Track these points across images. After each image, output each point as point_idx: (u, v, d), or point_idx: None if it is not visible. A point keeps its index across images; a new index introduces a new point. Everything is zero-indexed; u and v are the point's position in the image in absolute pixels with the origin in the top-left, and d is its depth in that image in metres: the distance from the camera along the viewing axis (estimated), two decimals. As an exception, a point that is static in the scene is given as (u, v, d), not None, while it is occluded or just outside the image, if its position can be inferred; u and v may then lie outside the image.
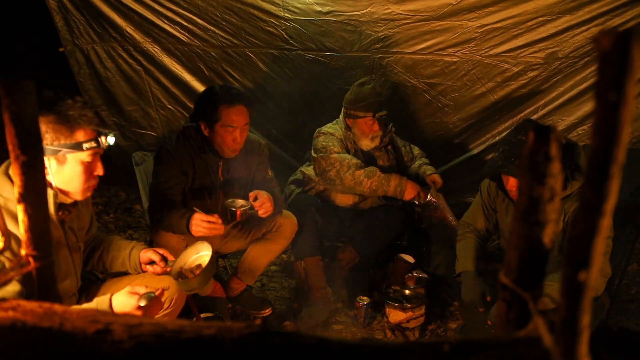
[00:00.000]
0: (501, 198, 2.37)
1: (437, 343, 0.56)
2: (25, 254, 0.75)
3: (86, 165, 1.50)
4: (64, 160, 1.46)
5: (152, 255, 1.81)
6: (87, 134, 1.47)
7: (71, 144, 1.44)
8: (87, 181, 1.53)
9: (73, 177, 1.50)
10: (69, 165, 1.47)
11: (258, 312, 2.64)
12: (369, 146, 2.85)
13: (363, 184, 2.71)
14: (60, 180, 1.49)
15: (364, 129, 2.79)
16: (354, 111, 2.77)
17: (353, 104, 2.77)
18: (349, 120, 2.82)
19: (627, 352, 0.55)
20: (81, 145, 1.45)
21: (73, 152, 1.45)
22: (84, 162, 1.49)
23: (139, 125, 3.78)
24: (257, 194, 2.30)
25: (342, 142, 2.84)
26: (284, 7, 3.09)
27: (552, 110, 3.27)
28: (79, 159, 1.47)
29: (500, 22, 2.96)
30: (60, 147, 1.43)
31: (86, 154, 1.48)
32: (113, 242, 1.90)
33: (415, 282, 2.66)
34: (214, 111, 2.23)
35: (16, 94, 0.68)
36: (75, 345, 0.59)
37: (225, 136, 2.25)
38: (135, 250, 1.83)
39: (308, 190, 2.95)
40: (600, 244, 0.49)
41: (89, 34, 3.41)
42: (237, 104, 2.24)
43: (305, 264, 2.69)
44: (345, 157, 2.76)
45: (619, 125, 0.46)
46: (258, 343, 0.57)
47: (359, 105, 2.75)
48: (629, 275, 2.94)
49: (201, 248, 1.91)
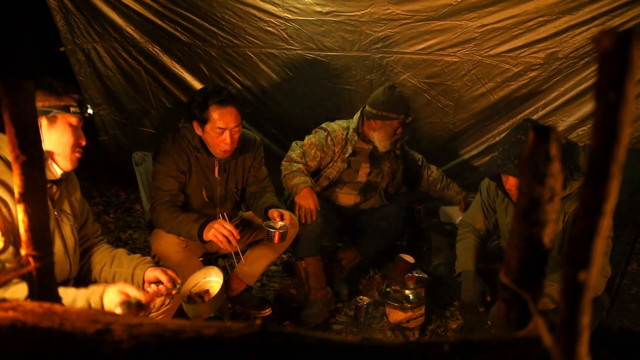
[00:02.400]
0: (501, 198, 2.37)
1: (437, 343, 0.55)
2: (25, 254, 0.75)
3: (73, 128, 1.62)
4: (54, 121, 1.59)
5: (160, 275, 1.73)
6: (73, 101, 1.63)
7: (61, 106, 1.59)
8: (74, 147, 1.63)
9: (62, 139, 1.61)
10: (59, 127, 1.60)
11: (258, 312, 2.64)
12: (386, 147, 2.89)
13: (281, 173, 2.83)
14: (50, 142, 1.60)
15: (390, 131, 2.82)
16: (386, 112, 2.77)
17: (384, 106, 2.77)
18: (376, 122, 2.82)
19: (627, 352, 0.55)
20: (69, 108, 1.60)
21: (63, 113, 1.59)
22: (72, 125, 1.61)
23: (140, 123, 3.79)
24: (281, 213, 2.31)
25: (329, 140, 2.86)
26: (284, 7, 3.09)
27: (552, 110, 3.27)
28: (67, 121, 1.60)
29: (500, 22, 2.96)
30: (51, 108, 1.57)
31: (74, 118, 1.61)
32: (117, 257, 1.84)
33: (415, 282, 2.66)
34: (204, 112, 2.23)
35: (16, 94, 0.68)
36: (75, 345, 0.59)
37: (216, 137, 2.25)
38: (139, 269, 1.78)
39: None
40: (600, 244, 0.49)
41: (90, 33, 3.41)
42: (227, 105, 2.22)
43: (306, 264, 2.69)
44: (294, 149, 2.89)
45: (619, 126, 0.46)
46: (258, 343, 0.57)
47: (391, 107, 2.76)
48: (629, 275, 2.93)
49: (211, 273, 1.85)
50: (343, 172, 2.91)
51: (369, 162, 2.93)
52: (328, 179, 2.92)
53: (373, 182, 2.99)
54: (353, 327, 2.58)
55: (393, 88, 2.81)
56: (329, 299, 2.67)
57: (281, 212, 2.32)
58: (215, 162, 2.39)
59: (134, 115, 3.76)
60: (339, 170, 2.90)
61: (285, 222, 2.30)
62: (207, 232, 2.12)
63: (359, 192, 2.99)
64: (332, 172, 2.91)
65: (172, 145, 2.33)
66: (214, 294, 1.76)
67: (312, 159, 2.89)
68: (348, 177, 2.95)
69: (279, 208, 2.38)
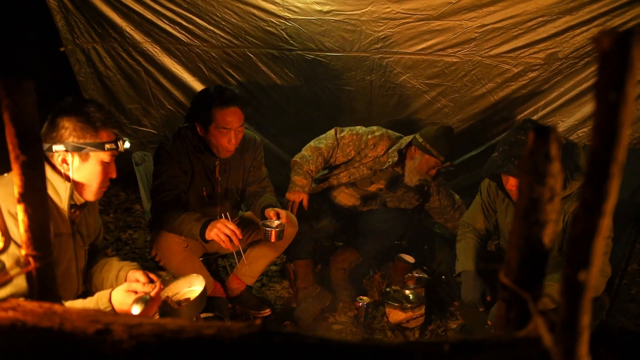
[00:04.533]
0: (501, 198, 2.37)
1: (437, 343, 0.56)
2: (25, 254, 0.75)
3: (105, 165, 1.59)
4: (86, 158, 1.56)
5: (139, 276, 1.71)
6: (110, 136, 1.58)
7: (95, 143, 1.54)
8: (103, 181, 1.62)
9: (92, 175, 1.58)
10: (91, 164, 1.57)
11: (258, 312, 2.64)
12: (412, 182, 2.84)
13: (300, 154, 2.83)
14: (80, 176, 1.57)
15: (424, 167, 2.78)
16: (430, 146, 2.73)
17: (432, 140, 2.73)
18: (417, 151, 2.78)
19: (627, 352, 0.55)
20: (103, 145, 1.55)
21: (96, 151, 1.55)
22: (103, 162, 1.58)
23: (140, 123, 3.79)
24: (277, 212, 2.31)
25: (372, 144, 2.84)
26: (284, 6, 3.09)
27: (552, 111, 3.26)
28: (100, 158, 1.57)
29: (500, 22, 2.95)
30: (85, 145, 1.53)
31: (107, 155, 1.57)
32: (108, 263, 1.85)
33: (415, 282, 2.66)
34: (208, 113, 2.23)
35: (16, 94, 0.68)
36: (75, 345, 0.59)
37: (220, 137, 2.26)
38: (123, 271, 1.77)
39: (323, 181, 2.96)
40: (600, 244, 0.49)
41: (90, 33, 3.41)
42: (231, 105, 2.23)
43: (295, 266, 2.70)
44: (328, 138, 2.84)
45: (619, 126, 0.46)
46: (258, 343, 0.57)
47: (437, 145, 2.72)
48: (629, 275, 2.94)
49: (194, 282, 1.81)
50: (363, 177, 2.91)
51: (388, 181, 2.92)
52: (349, 177, 2.92)
53: (379, 195, 3.00)
54: (353, 327, 2.58)
55: (450, 130, 2.80)
56: (319, 293, 2.68)
57: (277, 211, 2.32)
58: (216, 162, 2.39)
59: (135, 113, 3.76)
60: (361, 175, 2.89)
61: (281, 221, 2.30)
62: (209, 232, 2.12)
63: (361, 197, 3.00)
64: (355, 173, 2.90)
65: (173, 146, 2.33)
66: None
67: (345, 155, 2.87)
68: (361, 184, 2.95)
69: (276, 207, 2.38)
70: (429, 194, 3.01)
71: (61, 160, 1.54)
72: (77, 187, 1.59)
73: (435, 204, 3.03)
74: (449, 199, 3.02)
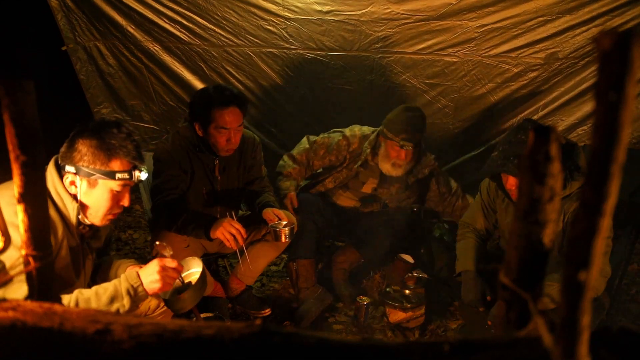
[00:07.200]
0: (501, 198, 2.37)
1: (437, 343, 0.56)
2: (25, 254, 0.75)
3: (114, 194, 1.54)
4: (94, 184, 1.51)
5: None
6: (123, 165, 1.52)
7: (105, 171, 1.49)
8: (111, 209, 1.56)
9: (99, 202, 1.53)
10: (99, 191, 1.52)
11: (258, 312, 2.64)
12: (389, 171, 2.79)
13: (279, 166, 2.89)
14: (87, 200, 1.53)
15: (390, 152, 2.72)
16: (386, 130, 2.70)
17: (387, 124, 2.71)
18: (381, 138, 2.78)
19: (627, 352, 0.55)
20: (114, 174, 1.50)
21: (105, 180, 1.50)
22: (112, 191, 1.53)
23: (141, 119, 3.79)
24: (276, 214, 2.31)
25: (344, 145, 2.83)
26: (284, 6, 3.09)
27: (552, 110, 3.26)
28: (109, 186, 1.52)
29: (500, 22, 2.96)
30: (94, 172, 1.48)
31: (117, 184, 1.52)
32: (104, 262, 1.85)
33: (415, 282, 2.66)
34: (207, 113, 2.23)
35: (16, 94, 0.68)
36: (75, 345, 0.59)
37: (219, 137, 2.26)
38: (120, 268, 1.77)
39: (310, 188, 2.96)
40: (600, 244, 0.49)
41: (91, 31, 3.41)
42: (230, 105, 2.23)
43: (297, 265, 2.70)
44: (302, 144, 2.89)
45: (619, 126, 0.46)
46: (258, 343, 0.57)
47: (393, 128, 2.67)
48: (629, 275, 2.93)
49: (191, 264, 1.82)
50: (350, 179, 2.91)
51: (378, 179, 2.89)
52: (334, 182, 2.92)
53: (377, 196, 2.99)
54: (353, 327, 2.58)
55: (407, 109, 2.72)
56: (321, 294, 2.67)
57: (276, 212, 2.32)
58: (216, 161, 2.40)
59: (136, 109, 3.76)
60: (346, 177, 2.89)
61: (284, 221, 2.31)
62: (214, 230, 2.12)
63: (359, 199, 2.99)
64: (339, 177, 2.90)
65: (172, 145, 2.33)
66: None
67: (320, 159, 2.88)
68: (353, 185, 2.94)
69: (274, 207, 2.38)
70: (428, 187, 3.00)
71: (69, 182, 1.50)
72: (83, 209, 1.54)
73: (435, 194, 3.04)
74: (446, 186, 3.03)
